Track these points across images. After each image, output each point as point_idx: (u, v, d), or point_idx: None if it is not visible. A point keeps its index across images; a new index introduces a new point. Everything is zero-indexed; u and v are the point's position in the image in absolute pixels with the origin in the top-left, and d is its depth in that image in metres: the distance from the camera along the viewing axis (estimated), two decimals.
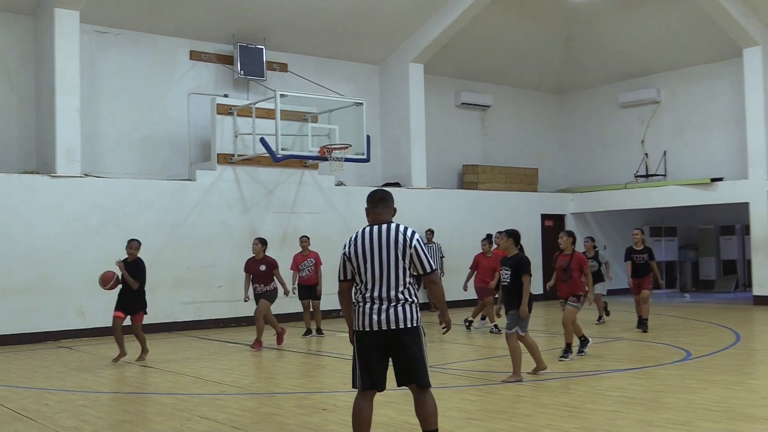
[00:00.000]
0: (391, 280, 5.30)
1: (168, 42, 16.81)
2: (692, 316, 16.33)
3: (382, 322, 5.24)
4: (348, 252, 5.45)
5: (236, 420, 7.21)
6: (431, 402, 5.36)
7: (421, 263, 5.34)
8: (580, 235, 22.16)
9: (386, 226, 5.43)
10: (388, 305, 5.27)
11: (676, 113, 21.22)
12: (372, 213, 5.60)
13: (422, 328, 5.40)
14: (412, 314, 5.31)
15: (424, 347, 5.38)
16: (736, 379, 8.81)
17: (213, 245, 15.94)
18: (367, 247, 5.37)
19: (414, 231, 5.44)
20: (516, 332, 8.81)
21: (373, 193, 5.74)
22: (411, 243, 5.32)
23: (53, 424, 7.26)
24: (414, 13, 18.59)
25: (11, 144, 15.13)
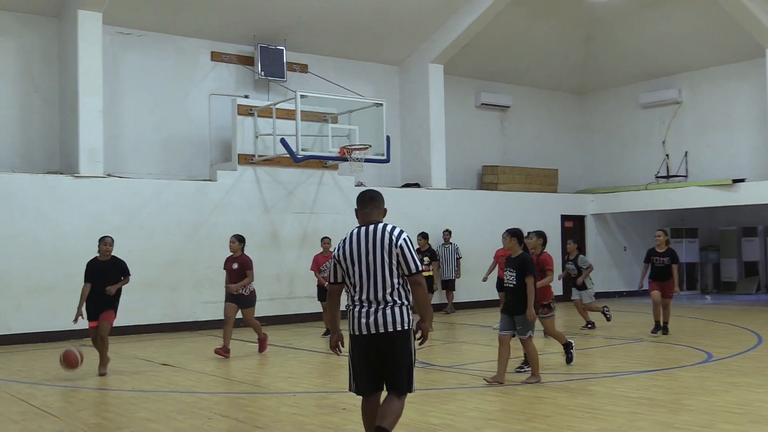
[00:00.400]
0: (378, 282, 5.18)
1: (189, 43, 16.90)
2: (713, 317, 16.23)
3: (371, 326, 5.15)
4: (337, 254, 5.36)
5: (257, 419, 7.26)
6: (397, 405, 5.24)
7: (406, 263, 5.19)
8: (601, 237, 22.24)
9: (374, 226, 5.31)
10: (377, 308, 5.16)
11: (697, 114, 21.09)
12: (361, 214, 5.47)
13: (413, 331, 5.29)
14: (402, 317, 5.18)
15: (413, 352, 5.29)
16: (758, 382, 8.74)
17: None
18: (354, 248, 5.26)
19: (402, 231, 5.31)
20: (530, 335, 8.62)
21: (362, 193, 5.58)
22: (397, 242, 5.19)
23: (77, 421, 7.34)
24: (434, 14, 18.59)
25: (35, 144, 15.27)
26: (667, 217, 23.19)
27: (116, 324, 14.25)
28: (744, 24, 18.08)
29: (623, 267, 22.70)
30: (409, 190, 18.96)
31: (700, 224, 24.06)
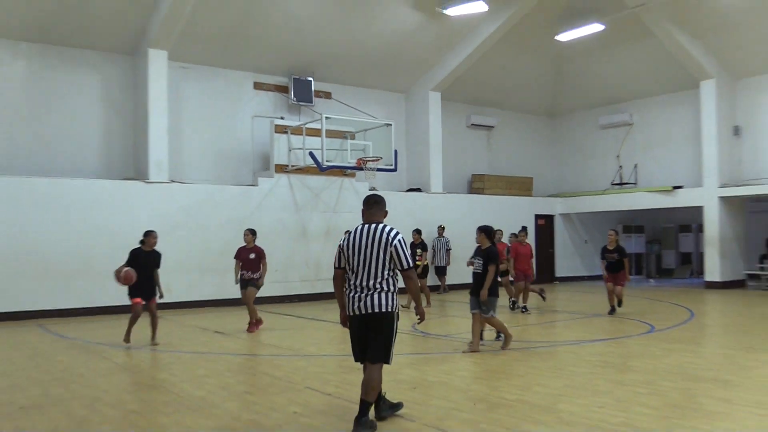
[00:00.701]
0: (371, 272, 5.17)
1: (236, 75, 16.97)
2: (655, 297, 16.25)
3: (362, 307, 5.18)
4: (342, 244, 5.36)
5: (290, 376, 7.35)
6: (375, 377, 5.21)
7: (399, 260, 5.20)
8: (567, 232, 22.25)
9: (375, 225, 5.32)
10: (367, 293, 5.17)
11: (645, 133, 21.05)
12: (367, 213, 5.46)
13: (397, 314, 5.28)
14: (387, 301, 5.18)
15: (394, 332, 5.26)
16: (690, 348, 8.81)
17: (271, 238, 16.05)
18: (356, 242, 5.25)
19: (398, 233, 5.31)
20: (492, 315, 8.51)
21: (368, 197, 5.57)
22: (392, 242, 5.20)
23: (148, 376, 7.46)
24: (433, 52, 18.63)
25: (114, 156, 15.39)
26: (621, 217, 23.20)
27: (179, 299, 14.54)
28: (683, 62, 18.09)
29: (585, 257, 22.72)
30: (413, 194, 19.02)
31: (646, 222, 24.06)
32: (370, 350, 5.23)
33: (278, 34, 16.21)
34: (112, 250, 13.89)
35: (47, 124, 14.62)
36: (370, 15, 16.59)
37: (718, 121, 18.18)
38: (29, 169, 14.20)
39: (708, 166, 18.32)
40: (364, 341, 5.26)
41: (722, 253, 18.18)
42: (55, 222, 13.53)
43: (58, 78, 14.76)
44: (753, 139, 18.43)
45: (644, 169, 20.99)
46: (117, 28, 14.76)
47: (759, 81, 18.28)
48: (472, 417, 5.54)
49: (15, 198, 13.23)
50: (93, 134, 15.15)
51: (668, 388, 6.42)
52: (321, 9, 15.93)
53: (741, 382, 6.66)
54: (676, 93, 20.02)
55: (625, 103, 21.44)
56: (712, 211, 18.23)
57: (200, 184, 15.71)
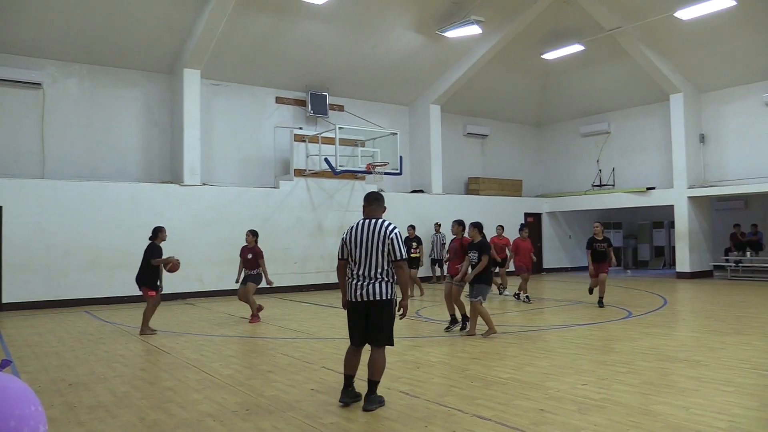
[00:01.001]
0: (372, 263, 5.06)
1: (260, 91, 16.96)
2: (632, 286, 16.13)
3: (364, 295, 5.06)
4: (345, 238, 5.24)
5: (308, 356, 7.30)
6: (380, 359, 5.11)
7: (393, 252, 5.07)
8: (552, 229, 22.13)
9: (374, 220, 5.20)
10: (369, 282, 5.06)
11: (621, 140, 20.91)
12: (367, 209, 5.34)
13: (395, 301, 5.16)
14: (386, 290, 5.07)
15: (393, 316, 5.16)
16: (664, 331, 8.70)
17: (290, 234, 16.09)
18: (358, 235, 5.14)
19: (395, 227, 5.19)
20: (479, 300, 8.32)
21: (369, 194, 5.44)
22: (389, 235, 5.08)
23: (182, 357, 7.42)
24: (433, 69, 18.55)
25: (154, 162, 15.40)
26: (600, 215, 23.06)
27: (209, 288, 14.51)
28: (654, 77, 17.96)
29: (568, 250, 22.59)
30: (416, 195, 18.95)
31: (623, 219, 23.93)
32: (372, 335, 5.13)
33: (297, 55, 16.16)
34: None
35: (95, 135, 14.64)
36: (377, 37, 16.53)
37: (685, 129, 18.05)
38: (80, 174, 14.22)
39: (678, 170, 18.18)
40: (362, 326, 5.15)
41: (691, 247, 18.04)
42: (101, 220, 13.55)
43: (104, 94, 14.79)
44: (717, 146, 18.29)
45: (621, 172, 20.84)
46: (156, 51, 14.77)
47: (721, 94, 18.16)
48: (469, 393, 5.47)
49: (67, 199, 13.24)
50: (135, 143, 15.16)
51: (645, 368, 6.33)
52: (335, 32, 15.87)
53: (709, 362, 6.55)
54: (649, 105, 19.89)
55: (604, 113, 21.31)
56: (682, 210, 18.09)
57: (228, 186, 15.68)
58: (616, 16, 16.38)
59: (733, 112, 17.93)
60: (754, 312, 10.75)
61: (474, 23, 15.14)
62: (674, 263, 19.17)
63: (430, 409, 5.00)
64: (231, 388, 5.81)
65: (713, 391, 5.35)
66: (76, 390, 5.86)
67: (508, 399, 5.24)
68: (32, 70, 13.79)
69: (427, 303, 13.11)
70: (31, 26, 13.18)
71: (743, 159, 17.62)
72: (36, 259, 12.81)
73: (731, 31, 15.86)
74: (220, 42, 14.70)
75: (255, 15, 14.59)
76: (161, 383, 6.11)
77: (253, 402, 5.33)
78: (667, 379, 5.89)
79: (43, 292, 12.83)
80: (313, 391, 5.67)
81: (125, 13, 13.51)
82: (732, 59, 16.86)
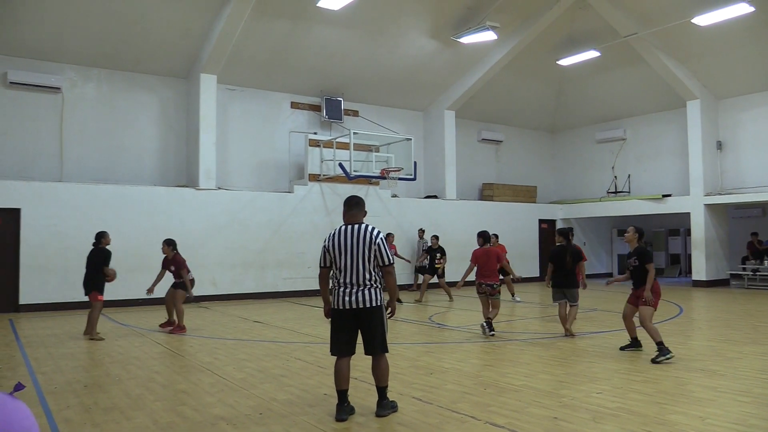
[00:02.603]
0: (359, 269, 4.88)
1: (275, 96, 17.04)
2: None
3: (352, 302, 4.89)
4: (327, 245, 5.01)
5: (321, 361, 7.29)
6: (384, 364, 5.01)
7: (381, 257, 4.93)
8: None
9: (358, 226, 5.01)
10: (357, 289, 4.88)
11: (637, 147, 20.76)
12: (347, 215, 5.13)
13: (384, 306, 5.02)
14: (376, 296, 4.93)
15: (385, 322, 5.02)
16: (679, 340, 8.61)
17: (305, 238, 16.12)
18: (341, 242, 4.95)
19: (379, 231, 5.04)
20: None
21: (349, 198, 5.22)
22: (375, 240, 4.92)
23: (195, 359, 7.45)
24: (448, 76, 18.54)
25: (170, 166, 15.51)
26: (615, 222, 22.91)
27: (223, 291, 14.56)
28: (670, 84, 17.81)
29: None
30: (430, 201, 18.92)
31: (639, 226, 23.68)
32: (368, 345, 5.00)
33: (312, 60, 16.23)
34: None
35: (113, 139, 14.78)
36: (392, 43, 16.56)
37: (702, 136, 17.87)
38: (97, 177, 14.36)
39: (694, 177, 18.00)
40: (347, 335, 5.00)
41: (708, 255, 17.84)
42: (118, 223, 13.65)
43: (122, 99, 14.94)
44: (734, 153, 18.10)
45: (637, 179, 20.68)
46: (173, 56, 14.90)
47: (738, 101, 17.97)
48: (482, 400, 5.44)
49: (85, 202, 13.38)
50: (151, 147, 15.29)
51: (660, 377, 6.26)
52: (350, 37, 15.92)
53: (726, 372, 6.47)
54: (665, 111, 19.72)
55: (619, 120, 21.17)
56: (698, 217, 17.90)
57: (243, 190, 15.74)
58: (632, 22, 16.29)
59: (750, 119, 17.75)
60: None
61: (489, 29, 15.12)
62: (690, 271, 18.95)
63: (443, 415, 4.98)
64: (244, 392, 5.83)
65: (730, 402, 5.28)
66: (92, 391, 5.91)
67: (521, 406, 5.21)
68: (52, 74, 13.97)
69: (444, 308, 13.06)
70: (51, 31, 13.36)
71: (761, 166, 17.41)
72: (53, 261, 12.94)
73: (749, 38, 15.71)
74: (237, 47, 14.80)
75: (271, 21, 14.69)
76: (175, 386, 6.14)
77: (266, 406, 5.34)
78: (682, 388, 5.82)
79: (59, 294, 12.95)
80: (326, 396, 5.67)
81: (143, 18, 13.66)
82: (749, 66, 16.70)
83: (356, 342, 5.08)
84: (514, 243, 19.04)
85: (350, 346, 5.05)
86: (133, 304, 13.54)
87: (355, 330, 5.02)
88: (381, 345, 5.01)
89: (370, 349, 5.02)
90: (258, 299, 15.05)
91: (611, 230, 23.24)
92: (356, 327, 5.01)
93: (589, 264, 22.43)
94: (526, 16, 16.95)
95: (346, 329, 5.01)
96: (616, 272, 23.17)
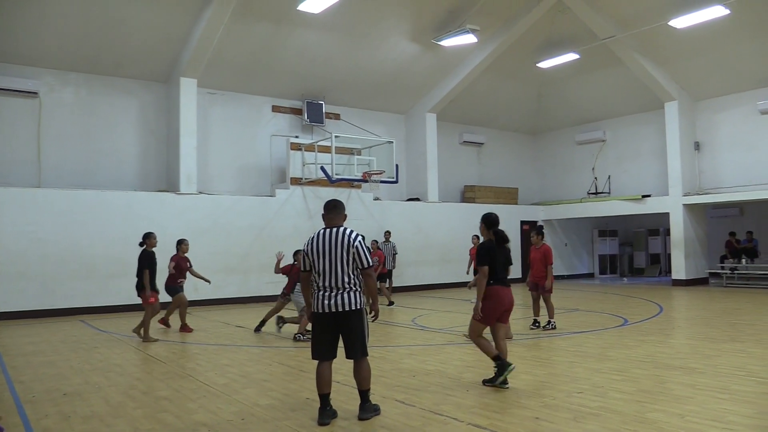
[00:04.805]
0: (338, 272, 4.88)
1: (257, 99, 16.97)
2: (628, 294, 16.14)
3: (332, 306, 4.89)
4: (306, 249, 5.03)
5: (303, 365, 7.26)
6: (365, 368, 5.02)
7: (360, 260, 4.93)
8: (549, 237, 22.12)
9: (336, 229, 5.01)
10: (336, 292, 4.89)
11: (616, 148, 20.99)
12: (326, 218, 5.13)
13: (365, 310, 5.03)
14: (356, 299, 4.92)
15: (365, 326, 5.01)
16: (659, 339, 8.70)
17: (287, 242, 15.97)
18: (320, 246, 4.96)
19: (358, 234, 5.03)
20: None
21: (327, 202, 5.22)
22: (353, 243, 4.92)
23: (177, 366, 7.38)
24: (429, 78, 18.61)
25: (150, 171, 15.38)
26: (596, 222, 23.14)
27: (206, 296, 14.45)
28: (649, 85, 18.03)
29: (565, 258, 22.58)
30: (412, 203, 18.95)
31: (619, 227, 23.94)
32: (349, 348, 4.99)
33: (293, 63, 16.19)
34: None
35: (92, 144, 14.63)
36: (373, 46, 16.58)
37: (680, 137, 18.11)
38: (76, 183, 14.20)
39: (673, 177, 18.24)
40: (328, 339, 4.98)
41: (687, 254, 18.07)
42: (97, 229, 13.52)
43: (101, 103, 14.80)
44: (711, 154, 18.36)
45: (616, 180, 20.89)
46: (152, 60, 14.78)
47: (715, 102, 18.25)
48: (465, 402, 5.46)
49: (63, 208, 13.22)
50: (131, 152, 15.15)
51: (640, 375, 6.33)
52: (331, 41, 15.92)
53: (705, 370, 6.55)
54: (644, 113, 19.97)
55: (599, 122, 21.39)
56: (677, 217, 18.13)
57: (225, 195, 15.66)
58: (610, 24, 16.47)
59: (727, 119, 18.03)
60: (749, 319, 10.76)
61: (469, 32, 15.21)
62: (670, 271, 19.18)
63: (425, 417, 4.99)
64: (226, 397, 5.79)
65: (708, 399, 5.35)
66: (71, 400, 5.83)
67: (503, 407, 5.23)
68: (29, 78, 13.79)
69: (425, 311, 13.07)
70: (28, 35, 13.19)
71: (738, 166, 17.69)
72: (31, 267, 12.76)
73: (725, 40, 15.97)
74: (217, 51, 14.73)
75: (252, 24, 14.63)
76: (156, 393, 6.08)
77: (249, 411, 5.31)
78: (662, 386, 5.89)
79: (38, 301, 12.78)
80: (308, 400, 5.66)
81: (122, 22, 13.54)
82: (726, 67, 16.96)
83: (338, 345, 5.07)
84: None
85: (332, 349, 5.03)
86: (114, 311, 13.39)
87: (336, 333, 5.01)
88: (361, 349, 5.00)
89: (350, 352, 5.01)
90: (240, 303, 14.96)
91: (592, 231, 23.45)
92: (337, 330, 5.00)
93: (570, 264, 22.67)
94: (506, 20, 17.07)
95: (327, 333, 4.99)
96: (598, 272, 23.40)
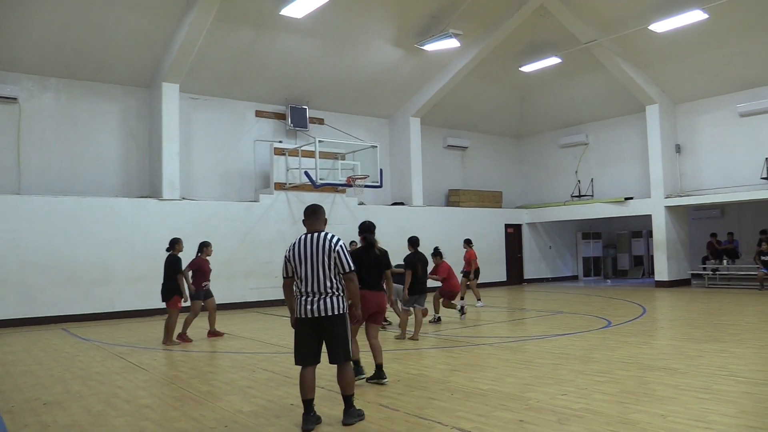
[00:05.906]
0: (320, 277, 4.88)
1: (240, 105, 16.91)
2: (612, 295, 16.25)
3: (315, 311, 4.88)
4: (288, 255, 5.01)
5: (287, 371, 7.22)
6: (349, 373, 5.02)
7: (341, 264, 4.94)
8: (533, 239, 22.25)
9: (317, 234, 5.00)
10: (318, 297, 4.88)
11: (599, 151, 21.16)
12: (307, 223, 5.13)
13: (347, 314, 5.02)
14: (338, 304, 4.91)
15: (348, 330, 4.98)
16: (643, 340, 8.76)
17: (271, 247, 15.98)
18: (302, 251, 4.94)
19: (339, 239, 5.04)
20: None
21: (307, 207, 5.21)
22: (335, 248, 4.92)
23: (160, 374, 7.31)
24: (413, 83, 18.65)
25: (132, 177, 15.25)
26: (580, 225, 23.28)
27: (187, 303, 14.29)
28: (630, 89, 18.22)
29: (549, 260, 22.73)
30: (396, 207, 18.96)
31: (602, 229, 24.13)
32: (332, 353, 4.98)
33: (277, 68, 16.16)
34: (129, 260, 13.84)
35: (73, 149, 14.48)
36: (357, 51, 16.59)
37: (662, 140, 18.31)
38: (57, 189, 14.04)
39: (655, 180, 18.42)
40: (311, 344, 4.97)
41: (669, 256, 18.25)
42: (79, 236, 13.37)
43: (82, 108, 14.65)
44: (692, 156, 18.58)
45: (599, 182, 21.06)
46: (134, 65, 14.68)
47: (696, 105, 18.48)
48: (449, 405, 5.45)
49: (44, 215, 13.06)
50: (113, 157, 15.01)
51: (624, 377, 6.37)
52: (314, 46, 15.91)
53: (687, 370, 6.61)
54: (625, 116, 20.16)
55: (582, 125, 21.57)
56: (660, 219, 18.31)
57: (208, 200, 15.57)
58: (591, 29, 16.64)
59: (707, 122, 18.25)
60: (730, 319, 10.89)
61: (452, 37, 15.27)
62: (653, 272, 19.36)
63: (410, 422, 4.98)
64: (209, 405, 5.73)
65: (691, 399, 5.40)
66: (51, 409, 5.74)
67: (488, 410, 5.23)
68: (8, 84, 13.62)
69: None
70: (7, 40, 13.04)
71: (718, 168, 17.91)
72: (11, 275, 12.58)
73: (704, 44, 16.19)
74: (199, 56, 14.65)
75: (234, 29, 14.59)
76: (138, 401, 6.01)
77: (232, 418, 5.26)
78: (645, 387, 5.93)
79: (18, 310, 12.59)
80: (292, 406, 5.62)
81: (103, 26, 13.43)
82: (705, 71, 17.19)
83: (321, 351, 5.05)
84: (480, 248, 19.13)
85: (315, 355, 5.01)
86: (96, 318, 13.24)
87: (318, 339, 4.99)
88: (344, 354, 4.99)
89: (333, 357, 4.99)
90: (225, 310, 14.84)
91: (576, 233, 23.61)
92: (320, 336, 4.98)
93: (554, 267, 22.79)
94: (488, 24, 17.17)
95: (310, 338, 4.98)
96: (582, 275, 23.54)
